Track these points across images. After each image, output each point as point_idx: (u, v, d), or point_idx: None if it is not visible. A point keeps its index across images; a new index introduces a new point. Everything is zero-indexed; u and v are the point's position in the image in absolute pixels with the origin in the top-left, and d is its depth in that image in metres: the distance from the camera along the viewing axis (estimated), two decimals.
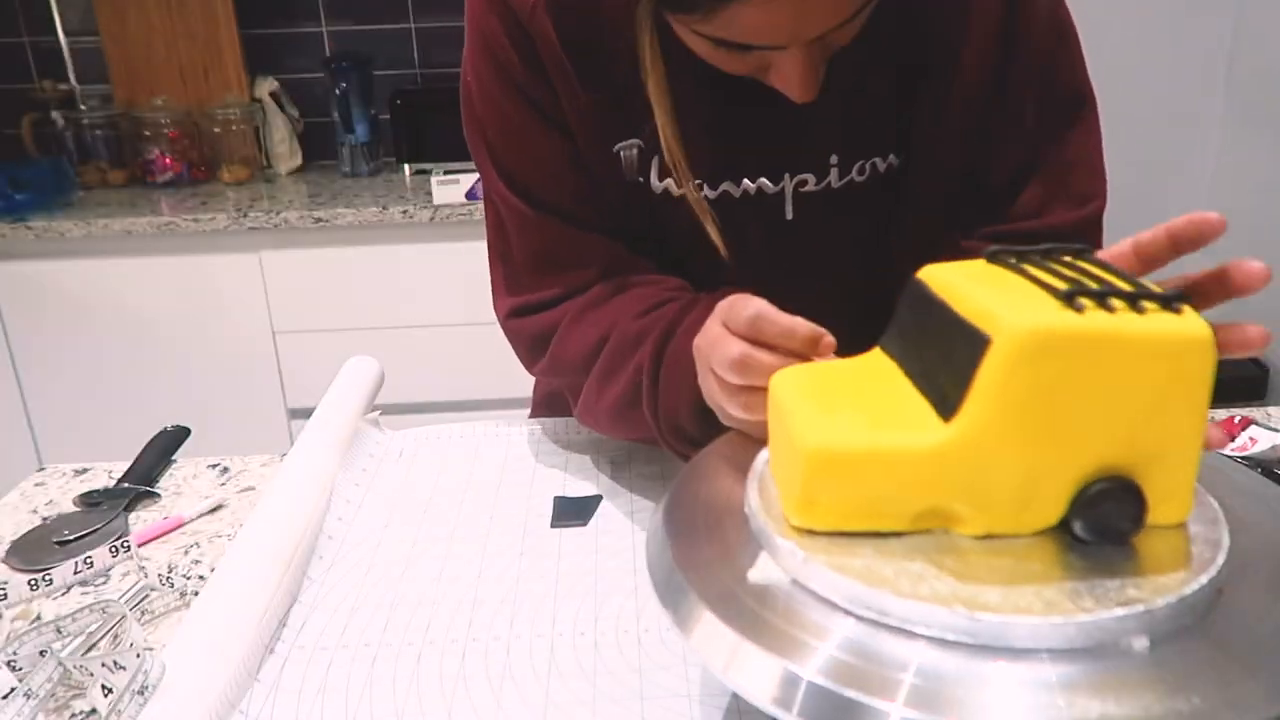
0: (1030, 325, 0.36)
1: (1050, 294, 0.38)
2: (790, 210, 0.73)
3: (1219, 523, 0.40)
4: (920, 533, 0.40)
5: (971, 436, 0.37)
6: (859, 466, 0.39)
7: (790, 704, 0.35)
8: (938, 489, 0.39)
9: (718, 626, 0.38)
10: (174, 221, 1.90)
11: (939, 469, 0.38)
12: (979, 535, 0.39)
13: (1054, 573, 0.37)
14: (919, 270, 0.45)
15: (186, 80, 2.26)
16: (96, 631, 0.57)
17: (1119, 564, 0.38)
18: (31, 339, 1.98)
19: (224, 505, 0.76)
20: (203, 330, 1.98)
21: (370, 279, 1.97)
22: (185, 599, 0.62)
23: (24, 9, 2.27)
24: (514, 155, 0.73)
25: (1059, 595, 0.36)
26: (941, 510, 0.39)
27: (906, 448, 0.38)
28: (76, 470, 0.82)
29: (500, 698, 0.52)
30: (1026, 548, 0.39)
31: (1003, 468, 0.38)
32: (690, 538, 0.44)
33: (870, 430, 0.39)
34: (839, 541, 0.39)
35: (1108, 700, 0.32)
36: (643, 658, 0.54)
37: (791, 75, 0.59)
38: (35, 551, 0.69)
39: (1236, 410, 0.80)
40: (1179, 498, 0.39)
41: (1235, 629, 0.36)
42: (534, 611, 0.59)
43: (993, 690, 0.33)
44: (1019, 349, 0.36)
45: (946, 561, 0.38)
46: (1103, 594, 0.36)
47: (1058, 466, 0.38)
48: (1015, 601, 0.35)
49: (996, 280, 0.41)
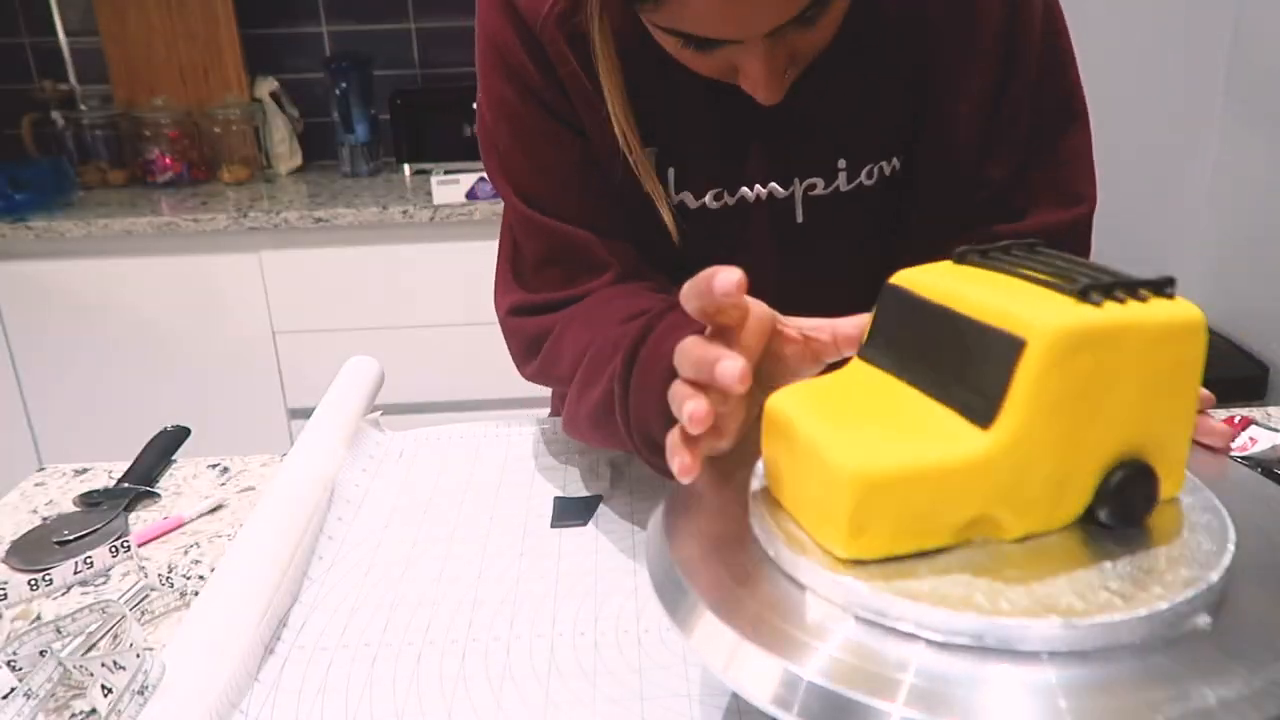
0: (1061, 324, 0.36)
1: (1058, 291, 0.38)
2: (800, 213, 0.74)
3: (1224, 518, 0.40)
4: (962, 545, 0.39)
5: (1015, 441, 0.37)
6: (909, 486, 0.37)
7: (790, 704, 0.35)
8: (983, 497, 0.38)
9: (718, 626, 0.38)
10: (174, 221, 1.90)
11: (986, 477, 0.38)
12: (1018, 538, 0.39)
13: (1096, 563, 0.38)
14: (891, 276, 0.45)
15: (186, 80, 2.26)
16: (96, 632, 0.57)
17: (1141, 548, 0.39)
18: (31, 339, 1.98)
19: (224, 505, 0.76)
20: (203, 330, 1.98)
21: (370, 279, 1.97)
22: (185, 599, 0.62)
23: (24, 9, 2.27)
24: (524, 160, 0.73)
25: (1125, 584, 0.36)
26: (985, 518, 0.39)
27: (954, 459, 0.37)
28: (76, 470, 0.82)
29: (500, 698, 0.52)
30: (1061, 544, 0.39)
31: (1041, 467, 0.38)
32: (690, 538, 0.44)
33: (910, 445, 0.38)
34: (891, 567, 0.38)
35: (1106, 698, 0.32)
36: (643, 658, 0.54)
37: (753, 74, 0.60)
38: (35, 551, 0.69)
39: (1236, 410, 0.80)
40: (1177, 472, 0.41)
41: (1235, 629, 0.36)
42: (534, 612, 0.59)
43: (993, 690, 0.33)
44: (1054, 348, 0.36)
45: (1005, 571, 0.37)
46: (1159, 578, 0.36)
47: (1087, 459, 0.39)
48: (1093, 600, 0.35)
49: (986, 281, 0.41)
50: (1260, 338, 2.01)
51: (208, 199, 2.06)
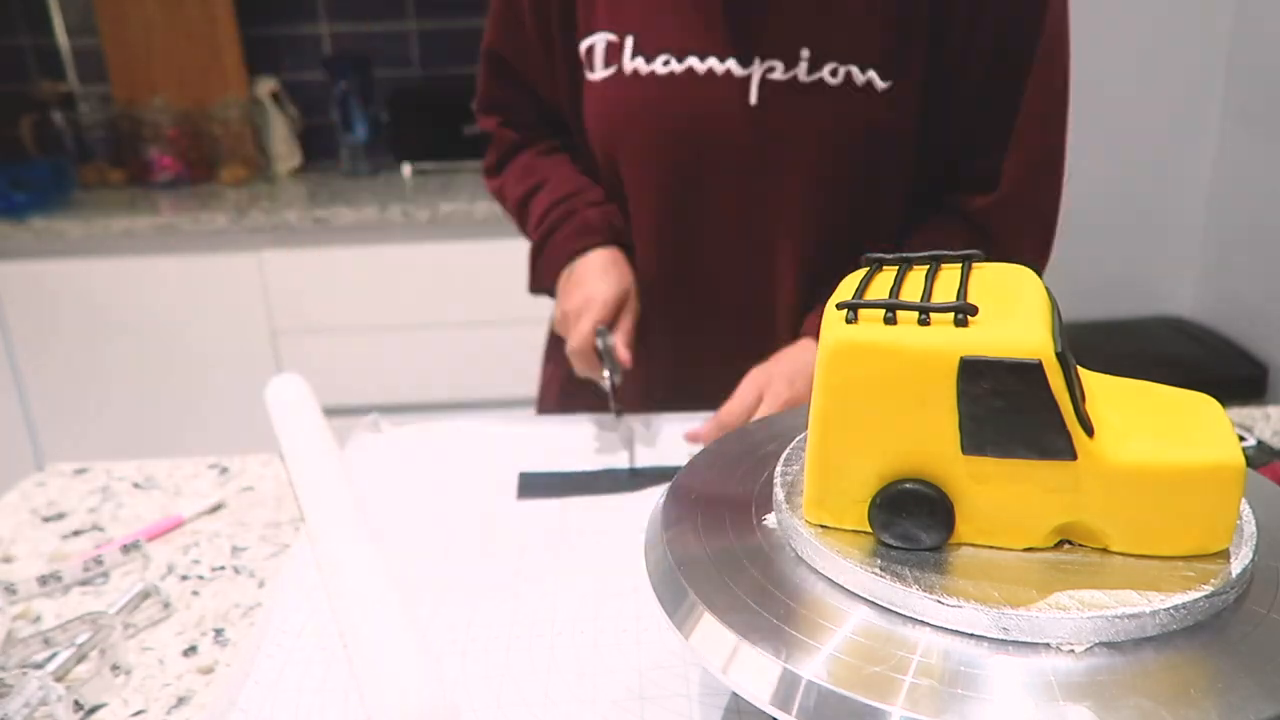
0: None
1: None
2: (755, 95, 0.76)
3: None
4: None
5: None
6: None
7: (790, 704, 0.35)
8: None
9: (717, 626, 0.38)
10: (174, 222, 1.90)
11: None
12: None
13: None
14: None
15: (186, 80, 2.26)
16: (86, 644, 0.57)
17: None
18: (31, 339, 1.98)
19: (223, 505, 0.76)
20: (203, 330, 1.98)
21: (370, 279, 1.97)
22: (169, 610, 0.62)
23: (23, 9, 2.27)
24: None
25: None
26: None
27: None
28: (76, 470, 0.82)
29: (500, 698, 0.52)
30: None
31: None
32: (690, 537, 0.44)
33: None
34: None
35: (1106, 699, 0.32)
36: (643, 658, 0.55)
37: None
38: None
39: (1235, 410, 0.80)
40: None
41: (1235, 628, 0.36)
42: (534, 611, 0.59)
43: (994, 690, 0.33)
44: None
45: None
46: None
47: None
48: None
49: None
50: (1259, 338, 2.01)
51: (207, 199, 2.06)
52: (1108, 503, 0.38)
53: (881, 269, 0.44)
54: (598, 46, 0.80)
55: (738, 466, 0.49)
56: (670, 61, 0.77)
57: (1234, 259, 2.09)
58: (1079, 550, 0.39)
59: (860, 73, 0.74)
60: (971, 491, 0.39)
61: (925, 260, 0.44)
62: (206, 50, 2.24)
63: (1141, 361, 1.97)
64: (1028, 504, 0.39)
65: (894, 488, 0.40)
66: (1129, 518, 0.38)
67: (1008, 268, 0.44)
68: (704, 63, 0.76)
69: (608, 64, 0.80)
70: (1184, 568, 0.37)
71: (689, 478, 0.50)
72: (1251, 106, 2.01)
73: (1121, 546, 0.38)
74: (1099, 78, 2.07)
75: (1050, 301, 0.41)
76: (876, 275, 0.44)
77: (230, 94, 2.25)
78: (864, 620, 0.37)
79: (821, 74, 0.75)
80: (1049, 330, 0.38)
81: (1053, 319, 0.39)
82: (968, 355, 0.37)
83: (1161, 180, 2.14)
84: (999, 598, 0.36)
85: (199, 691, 0.54)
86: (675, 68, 0.77)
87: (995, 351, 0.37)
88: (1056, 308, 0.42)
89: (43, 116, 2.24)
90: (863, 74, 0.74)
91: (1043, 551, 0.39)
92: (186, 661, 0.57)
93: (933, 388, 0.38)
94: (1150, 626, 0.35)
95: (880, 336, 0.39)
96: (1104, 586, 0.37)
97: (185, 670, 0.56)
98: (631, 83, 0.79)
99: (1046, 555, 0.39)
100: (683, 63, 0.76)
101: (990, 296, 0.40)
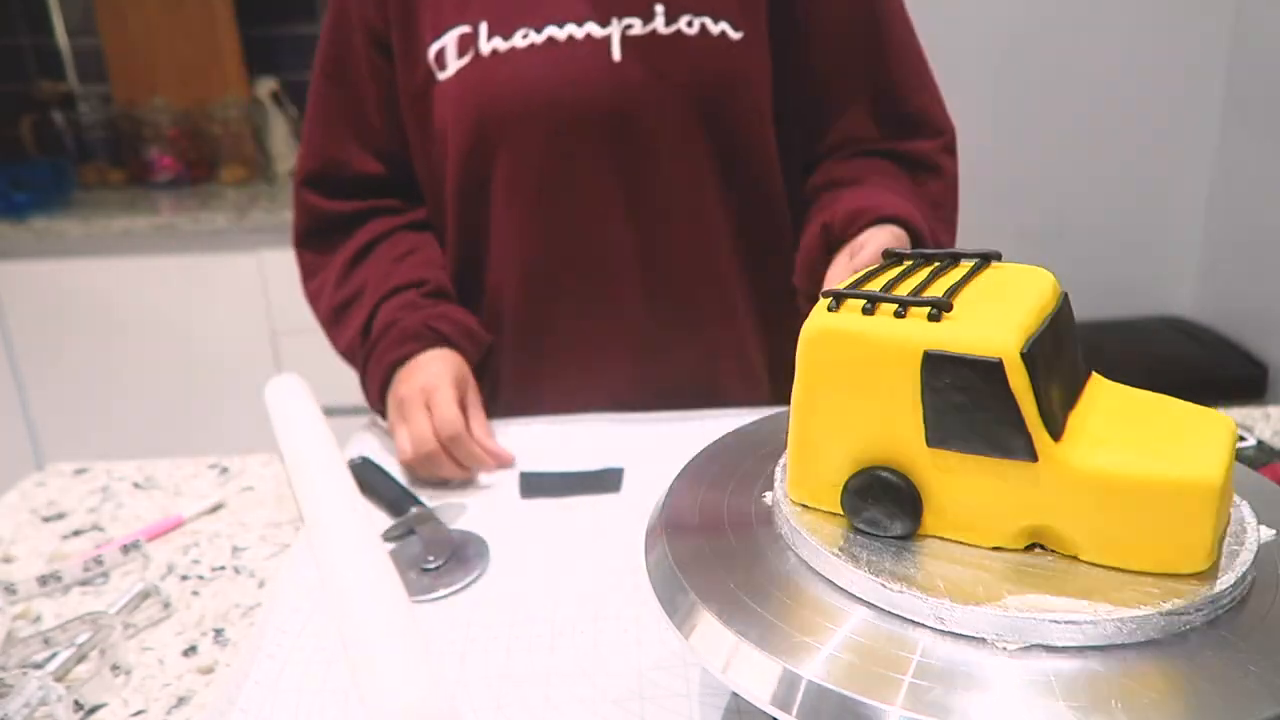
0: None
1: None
2: (618, 52, 0.78)
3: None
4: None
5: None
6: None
7: (790, 704, 0.35)
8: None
9: (717, 626, 0.38)
10: (174, 222, 1.90)
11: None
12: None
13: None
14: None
15: (186, 80, 2.26)
16: (86, 644, 0.57)
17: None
18: (31, 339, 1.98)
19: (223, 505, 0.76)
20: (203, 330, 1.98)
21: None
22: (169, 610, 0.62)
23: (23, 9, 2.27)
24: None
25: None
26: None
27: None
28: (76, 470, 0.82)
29: (500, 698, 0.52)
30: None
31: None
32: (690, 537, 0.44)
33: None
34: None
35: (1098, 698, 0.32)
36: (643, 658, 0.55)
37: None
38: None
39: (1234, 409, 0.80)
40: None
41: (1235, 629, 0.36)
42: (534, 612, 0.59)
43: (993, 690, 0.33)
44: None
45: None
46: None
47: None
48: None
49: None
50: (1258, 338, 2.01)
51: (207, 199, 2.06)
52: (1072, 508, 0.38)
53: (901, 263, 0.45)
54: (449, 43, 0.80)
55: (738, 466, 0.49)
56: (529, 34, 0.78)
57: (1234, 259, 2.08)
58: (1048, 555, 0.39)
59: (713, 24, 0.78)
60: (938, 484, 0.40)
61: (942, 257, 0.44)
62: (206, 50, 2.24)
63: (1142, 361, 1.97)
64: (992, 502, 0.39)
65: (864, 474, 0.41)
66: (1095, 526, 0.38)
67: (1029, 271, 0.44)
68: (563, 29, 0.78)
69: (461, 54, 0.80)
70: (1151, 584, 0.37)
71: (689, 478, 0.50)
72: (1251, 106, 2.01)
73: (1090, 556, 0.38)
74: (1099, 78, 2.07)
75: (1054, 307, 0.41)
76: (887, 270, 0.44)
77: (230, 94, 2.25)
78: (864, 620, 0.37)
79: (679, 25, 0.78)
80: (1023, 331, 0.38)
81: (1043, 323, 0.39)
82: (931, 349, 0.38)
83: (1161, 180, 2.14)
84: (943, 589, 0.37)
85: (199, 691, 0.54)
86: (535, 39, 0.78)
87: (958, 348, 0.37)
88: (1061, 314, 0.41)
89: (43, 116, 2.25)
90: (715, 24, 0.78)
91: (1011, 553, 0.39)
92: (186, 661, 0.57)
93: (899, 379, 0.39)
94: (1094, 636, 0.35)
95: (853, 326, 0.40)
96: (1061, 593, 0.36)
97: (185, 670, 0.56)
98: (491, 63, 0.79)
99: (1013, 556, 0.39)
100: (542, 33, 0.78)
101: (987, 296, 0.40)
